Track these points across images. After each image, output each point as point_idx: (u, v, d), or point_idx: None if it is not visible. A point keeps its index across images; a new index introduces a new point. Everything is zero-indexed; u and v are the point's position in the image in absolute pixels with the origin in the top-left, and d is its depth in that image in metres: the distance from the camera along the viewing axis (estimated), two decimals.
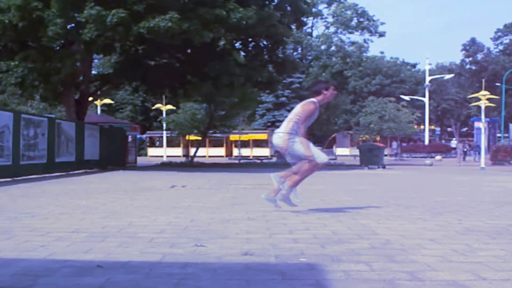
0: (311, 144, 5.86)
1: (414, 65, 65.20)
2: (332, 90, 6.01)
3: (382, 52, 65.74)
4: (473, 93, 40.92)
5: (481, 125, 27.92)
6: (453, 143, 53.06)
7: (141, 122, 48.58)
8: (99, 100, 36.49)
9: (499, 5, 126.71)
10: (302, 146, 5.75)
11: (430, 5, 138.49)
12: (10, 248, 3.65)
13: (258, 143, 45.20)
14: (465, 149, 34.41)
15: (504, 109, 48.84)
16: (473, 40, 68.48)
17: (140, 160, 28.79)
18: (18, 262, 3.18)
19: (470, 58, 68.89)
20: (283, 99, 50.15)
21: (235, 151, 44.46)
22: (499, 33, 68.13)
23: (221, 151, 45.03)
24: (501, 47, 68.21)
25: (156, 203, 6.78)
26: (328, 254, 3.47)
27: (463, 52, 69.48)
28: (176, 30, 15.76)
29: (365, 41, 63.52)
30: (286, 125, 5.84)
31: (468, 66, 69.89)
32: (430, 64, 48.08)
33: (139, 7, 15.89)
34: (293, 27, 23.31)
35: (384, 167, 21.13)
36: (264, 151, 43.00)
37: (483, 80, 36.26)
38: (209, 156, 41.80)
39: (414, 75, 60.42)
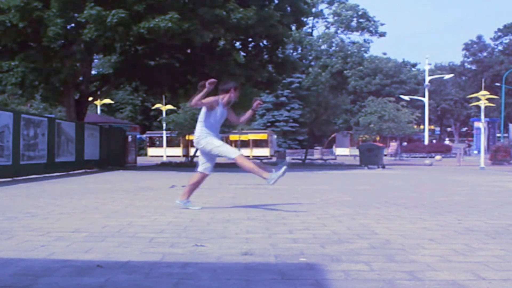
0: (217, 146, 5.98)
1: (414, 65, 65.21)
2: (236, 91, 6.20)
3: (385, 53, 65.65)
4: (472, 93, 40.92)
5: (480, 125, 27.93)
6: (447, 142, 53.75)
7: (141, 122, 48.60)
8: (99, 100, 36.52)
9: (500, 6, 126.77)
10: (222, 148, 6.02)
11: (430, 5, 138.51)
12: (10, 248, 3.65)
13: (258, 143, 45.20)
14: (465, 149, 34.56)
15: (504, 109, 48.84)
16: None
17: (140, 160, 28.79)
18: (18, 262, 3.18)
19: (471, 58, 68.83)
20: (283, 99, 50.18)
21: None
22: (499, 33, 68.14)
23: None
24: (500, 47, 68.21)
25: (156, 203, 6.79)
26: (327, 254, 3.47)
27: (465, 51, 69.41)
28: (176, 30, 15.75)
29: (365, 41, 63.52)
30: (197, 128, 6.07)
31: (468, 66, 69.85)
32: (429, 64, 48.12)
33: (139, 7, 15.89)
34: (293, 27, 23.30)
35: (383, 167, 21.14)
36: (264, 151, 43.02)
37: (483, 80, 36.26)
38: None
39: (415, 74, 60.42)
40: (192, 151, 29.16)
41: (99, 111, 39.78)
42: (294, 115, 49.43)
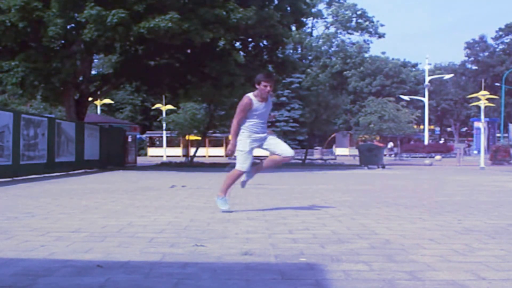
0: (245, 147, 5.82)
1: (415, 65, 65.18)
2: (263, 86, 5.47)
3: (384, 53, 65.55)
4: (472, 93, 40.93)
5: (480, 125, 27.94)
6: (442, 142, 54.25)
7: (141, 122, 48.59)
8: (99, 100, 36.50)
9: (501, 5, 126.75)
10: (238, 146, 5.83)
11: (431, 5, 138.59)
12: (10, 248, 3.65)
13: None
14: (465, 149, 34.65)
15: (504, 109, 48.86)
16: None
17: (140, 160, 28.80)
18: (18, 262, 3.18)
19: (472, 58, 68.73)
20: (283, 99, 50.18)
21: None
22: (501, 33, 68.03)
23: (221, 151, 45.01)
24: (502, 47, 68.13)
25: (156, 203, 6.78)
26: (327, 254, 3.47)
27: (467, 50, 69.24)
28: (176, 30, 15.76)
29: (365, 41, 63.48)
30: None
31: (469, 66, 69.78)
32: (429, 64, 48.13)
33: (139, 7, 15.89)
34: (293, 27, 23.31)
35: (383, 167, 21.14)
36: (264, 151, 42.98)
37: (483, 80, 36.29)
38: (209, 156, 41.81)
39: (415, 74, 60.39)
40: (192, 151, 29.17)
41: (99, 111, 39.76)
42: (294, 115, 49.45)
